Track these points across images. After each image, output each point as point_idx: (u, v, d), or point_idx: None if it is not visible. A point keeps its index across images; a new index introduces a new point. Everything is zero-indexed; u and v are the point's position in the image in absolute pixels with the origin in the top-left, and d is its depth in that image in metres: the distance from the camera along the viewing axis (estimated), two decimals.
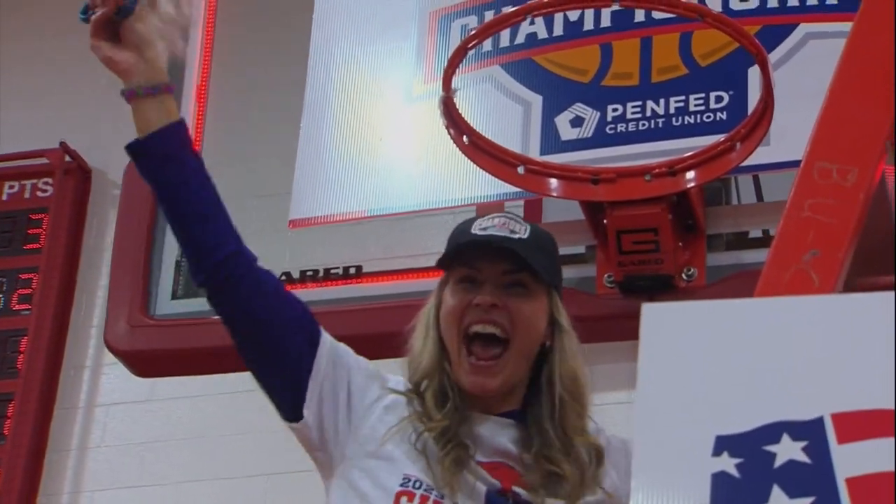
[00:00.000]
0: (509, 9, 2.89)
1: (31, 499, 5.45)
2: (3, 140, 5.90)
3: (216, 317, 3.04)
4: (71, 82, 5.98)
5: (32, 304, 5.65)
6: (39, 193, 5.88)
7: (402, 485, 2.09)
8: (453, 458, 2.09)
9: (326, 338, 2.17)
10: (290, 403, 2.15)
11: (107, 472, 5.45)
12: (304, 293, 3.04)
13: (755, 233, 2.96)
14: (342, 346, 2.20)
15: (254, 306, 2.14)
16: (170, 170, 2.12)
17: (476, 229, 2.19)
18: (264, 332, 2.14)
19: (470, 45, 2.64)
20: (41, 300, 5.64)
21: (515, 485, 2.13)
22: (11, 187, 5.89)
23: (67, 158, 5.86)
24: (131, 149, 2.13)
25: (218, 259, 2.12)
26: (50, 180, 5.87)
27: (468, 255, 2.17)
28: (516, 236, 2.17)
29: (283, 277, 3.06)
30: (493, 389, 2.16)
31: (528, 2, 2.91)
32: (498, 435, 2.17)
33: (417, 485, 2.08)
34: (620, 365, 3.62)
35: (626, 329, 2.80)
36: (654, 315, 1.52)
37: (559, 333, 2.21)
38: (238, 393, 4.92)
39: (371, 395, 2.18)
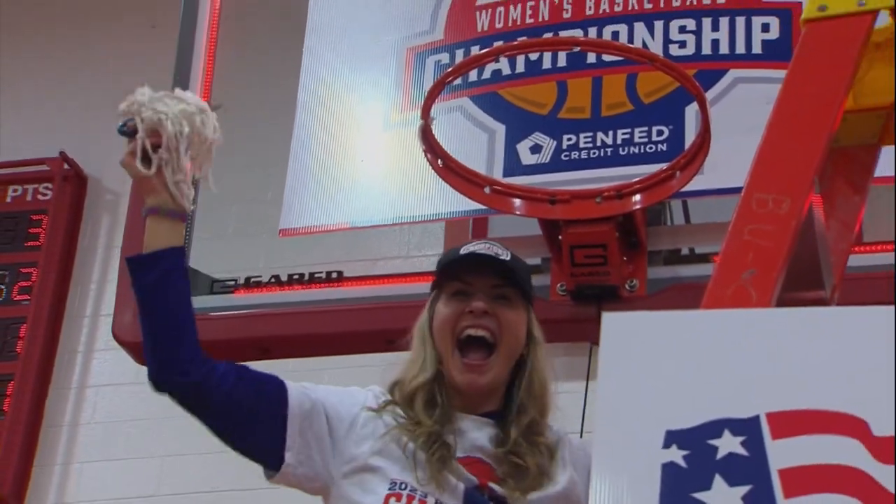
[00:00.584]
0: (478, 50, 2.93)
1: (27, 469, 5.41)
2: (8, 148, 5.86)
3: (211, 313, 3.04)
4: (71, 98, 5.95)
5: (31, 295, 5.62)
6: (40, 197, 5.85)
7: (390, 489, 2.09)
8: (439, 457, 2.10)
9: (290, 386, 2.16)
10: (273, 456, 2.13)
11: (96, 446, 5.40)
12: (291, 294, 3.05)
13: (686, 250, 2.99)
14: (306, 384, 2.19)
15: (223, 405, 2.13)
16: (161, 288, 2.09)
17: (464, 251, 2.23)
18: (237, 417, 2.14)
19: (448, 80, 2.63)
20: (39, 292, 5.62)
21: (490, 480, 2.14)
22: (15, 191, 5.87)
23: (66, 166, 5.85)
24: (133, 261, 2.09)
25: (187, 380, 2.11)
26: (50, 185, 5.85)
27: (461, 271, 2.21)
28: (500, 257, 2.21)
29: (273, 280, 3.04)
30: (482, 386, 2.19)
31: (496, 43, 2.94)
32: (476, 432, 2.18)
33: (403, 486, 2.09)
34: (555, 360, 3.65)
35: (575, 332, 2.84)
36: (614, 323, 1.52)
37: (534, 345, 2.23)
38: None
39: (348, 416, 2.17)
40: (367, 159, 3.11)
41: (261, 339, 2.90)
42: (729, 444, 1.39)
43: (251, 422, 2.14)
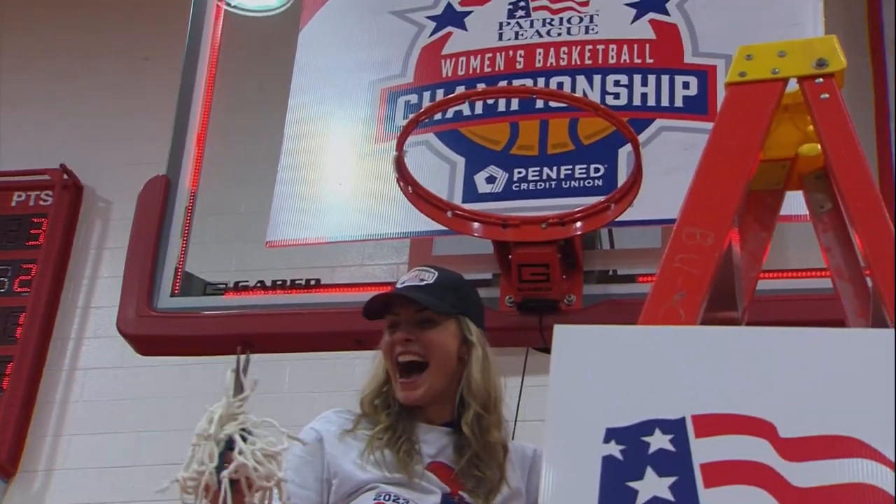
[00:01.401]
0: (443, 92, 2.94)
1: (22, 439, 5.35)
2: (15, 159, 5.82)
3: (203, 312, 3.02)
4: (71, 119, 5.95)
5: (31, 288, 5.56)
6: (41, 202, 5.79)
7: (375, 499, 2.07)
8: (405, 451, 2.11)
9: None
10: None
11: (83, 421, 5.34)
12: (274, 298, 3.03)
13: (610, 271, 3.00)
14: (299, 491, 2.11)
15: None
16: None
17: (398, 283, 2.26)
18: None
19: (421, 118, 2.64)
20: (38, 285, 5.56)
21: (458, 487, 2.14)
22: (19, 196, 5.81)
23: (65, 177, 5.81)
24: None
25: None
26: (50, 193, 5.80)
27: (391, 305, 2.23)
28: (423, 283, 2.23)
29: (258, 284, 3.03)
30: (418, 399, 2.19)
31: (458, 87, 2.96)
32: (437, 440, 2.19)
33: (387, 497, 2.08)
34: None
35: (520, 338, 2.85)
36: (564, 334, 1.54)
37: (469, 349, 2.23)
38: (190, 364, 4.85)
39: (322, 475, 2.14)
40: (344, 183, 3.09)
41: (246, 336, 2.87)
42: (659, 440, 1.42)
43: None
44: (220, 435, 1.83)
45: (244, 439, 1.85)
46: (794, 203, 2.06)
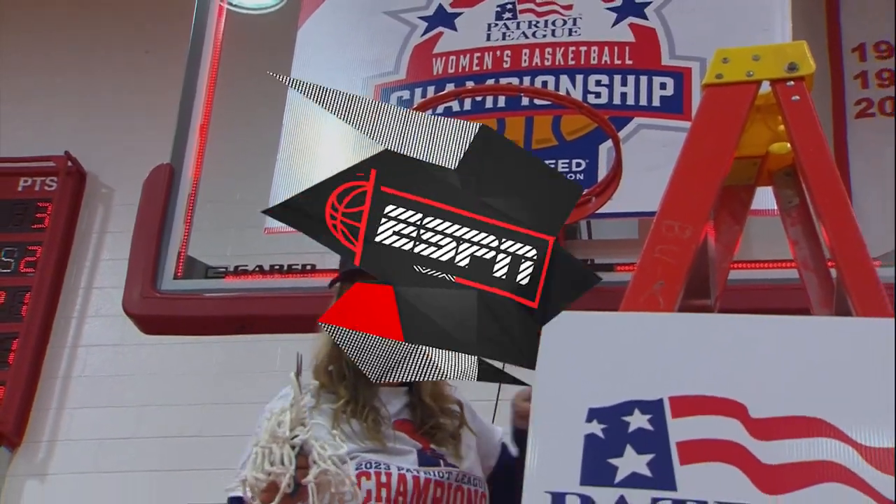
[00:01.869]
0: (433, 89, 2.93)
1: (27, 412, 5.29)
2: (21, 146, 5.75)
3: (205, 294, 3.01)
4: (76, 109, 5.89)
5: (36, 269, 5.49)
6: (46, 188, 5.72)
7: (357, 468, 2.00)
8: (373, 419, 2.06)
9: None
10: None
11: (85, 395, 5.30)
12: (272, 281, 3.02)
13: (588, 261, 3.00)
14: None
15: None
16: None
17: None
18: None
19: None
20: (42, 266, 5.49)
21: (426, 441, 2.10)
22: (26, 181, 5.73)
23: (69, 164, 5.72)
24: None
25: None
26: (55, 179, 5.71)
27: (358, 273, 2.09)
28: None
29: (257, 269, 3.01)
30: None
31: (448, 84, 2.95)
32: (397, 399, 2.14)
33: (368, 465, 2.02)
34: None
35: None
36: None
37: None
38: (187, 343, 4.85)
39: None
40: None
41: (246, 317, 2.86)
42: (638, 420, 1.44)
43: None
44: (294, 439, 1.79)
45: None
46: (763, 198, 2.06)
